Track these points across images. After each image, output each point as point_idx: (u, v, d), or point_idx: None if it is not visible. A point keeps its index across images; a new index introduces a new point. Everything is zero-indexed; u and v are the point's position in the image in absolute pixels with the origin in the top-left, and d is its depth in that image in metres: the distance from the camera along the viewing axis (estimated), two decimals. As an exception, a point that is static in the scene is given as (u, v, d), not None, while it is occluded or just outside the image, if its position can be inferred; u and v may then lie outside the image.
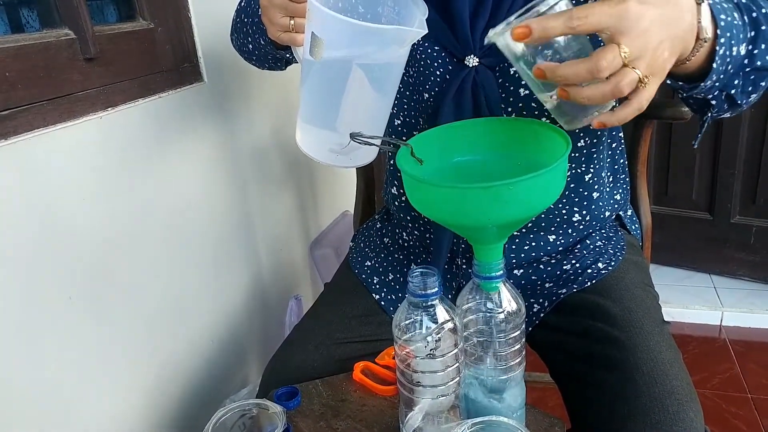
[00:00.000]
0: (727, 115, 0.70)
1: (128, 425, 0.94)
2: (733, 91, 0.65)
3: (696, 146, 0.73)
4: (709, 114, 0.69)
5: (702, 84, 0.61)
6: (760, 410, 1.47)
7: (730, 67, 0.61)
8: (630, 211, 0.98)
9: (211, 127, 1.11)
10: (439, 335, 0.56)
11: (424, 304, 0.56)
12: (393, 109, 0.88)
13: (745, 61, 0.63)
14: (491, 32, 0.55)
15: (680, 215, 2.00)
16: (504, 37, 0.55)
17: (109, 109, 0.87)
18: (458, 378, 0.59)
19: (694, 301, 1.88)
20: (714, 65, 0.59)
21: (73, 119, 0.81)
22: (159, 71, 0.97)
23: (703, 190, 1.95)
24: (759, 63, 0.63)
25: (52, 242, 0.79)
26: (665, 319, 0.79)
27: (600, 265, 0.83)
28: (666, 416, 0.65)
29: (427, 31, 0.61)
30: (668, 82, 0.65)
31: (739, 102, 0.66)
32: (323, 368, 0.81)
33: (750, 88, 0.65)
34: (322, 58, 0.60)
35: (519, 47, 0.55)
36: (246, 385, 1.23)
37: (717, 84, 0.63)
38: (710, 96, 0.65)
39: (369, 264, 0.94)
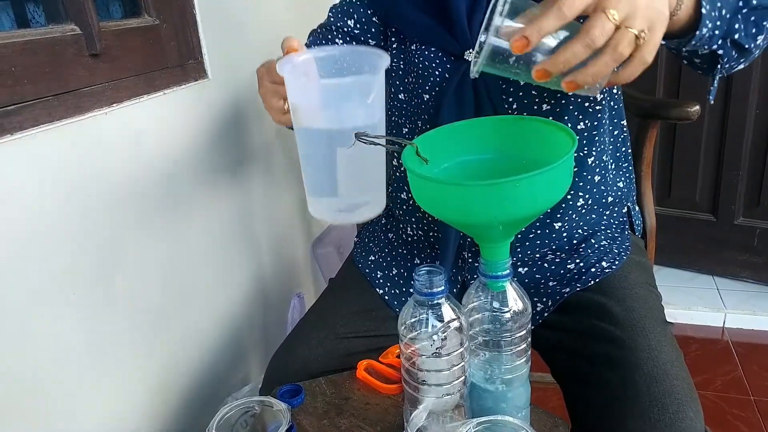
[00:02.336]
0: (741, 64, 0.69)
1: (130, 422, 0.94)
2: (737, 36, 0.63)
3: (713, 101, 0.71)
4: (720, 66, 0.68)
5: (698, 32, 0.60)
6: (762, 412, 1.47)
7: (724, 11, 0.61)
8: (636, 206, 0.97)
9: (215, 125, 1.11)
10: (445, 334, 0.56)
11: (430, 303, 0.56)
12: (400, 119, 0.88)
13: (740, 3, 0.62)
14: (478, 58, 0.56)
15: (683, 217, 2.00)
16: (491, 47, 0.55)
17: (114, 105, 0.86)
18: (463, 377, 0.59)
19: (696, 303, 1.88)
20: (703, 11, 0.58)
21: (78, 115, 0.81)
22: (164, 67, 0.97)
23: (706, 191, 1.95)
24: (755, 1, 0.62)
25: (56, 238, 0.78)
26: (668, 320, 0.79)
27: (604, 264, 0.83)
28: (665, 416, 0.65)
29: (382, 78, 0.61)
30: (663, 42, 0.64)
31: (747, 47, 0.65)
32: (326, 363, 0.81)
33: (754, 30, 0.64)
34: (304, 127, 0.61)
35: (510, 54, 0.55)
36: (247, 383, 1.23)
37: (717, 32, 0.61)
38: (715, 46, 0.64)
39: (373, 259, 0.93)
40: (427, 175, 0.57)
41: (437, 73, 0.81)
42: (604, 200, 0.86)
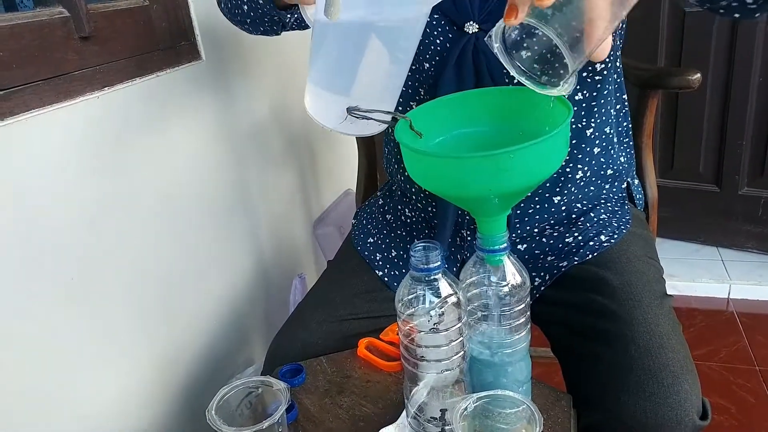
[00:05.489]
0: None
1: (133, 405, 0.95)
2: None
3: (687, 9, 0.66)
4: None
5: None
6: (767, 382, 1.47)
7: None
8: (636, 180, 0.96)
9: (210, 106, 1.10)
10: (442, 309, 0.56)
11: (426, 279, 0.55)
12: (404, 85, 0.86)
13: None
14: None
15: (687, 188, 1.98)
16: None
17: (105, 88, 0.85)
18: (462, 352, 0.58)
19: (701, 275, 1.87)
20: None
21: (70, 99, 0.80)
22: (156, 50, 0.95)
23: (710, 161, 1.93)
24: None
25: (50, 223, 0.78)
26: (670, 293, 0.78)
27: (602, 237, 0.83)
28: (660, 389, 0.65)
29: None
30: None
31: None
32: (327, 345, 0.81)
33: None
34: (339, 19, 0.54)
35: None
36: (251, 364, 1.24)
37: None
38: None
39: (371, 241, 0.93)
40: (421, 149, 0.56)
41: (438, 41, 0.79)
42: (603, 173, 0.85)
